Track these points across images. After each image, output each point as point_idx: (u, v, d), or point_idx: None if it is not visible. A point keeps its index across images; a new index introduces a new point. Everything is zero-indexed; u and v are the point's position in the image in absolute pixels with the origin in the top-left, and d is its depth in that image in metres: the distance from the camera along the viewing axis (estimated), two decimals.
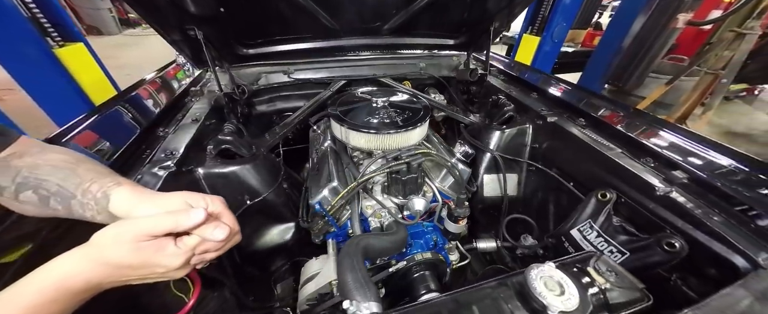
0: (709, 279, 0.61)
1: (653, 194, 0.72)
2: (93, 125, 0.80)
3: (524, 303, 0.42)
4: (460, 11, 1.19)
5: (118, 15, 8.61)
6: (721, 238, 0.60)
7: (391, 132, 0.95)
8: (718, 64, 2.68)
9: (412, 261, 0.78)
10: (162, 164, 0.72)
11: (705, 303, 0.43)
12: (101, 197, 0.45)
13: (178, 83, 1.23)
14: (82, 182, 0.46)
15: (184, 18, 0.87)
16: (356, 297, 0.46)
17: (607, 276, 0.45)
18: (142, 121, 0.88)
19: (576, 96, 1.16)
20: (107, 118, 0.87)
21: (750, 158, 0.76)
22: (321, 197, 0.87)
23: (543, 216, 1.05)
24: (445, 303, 0.42)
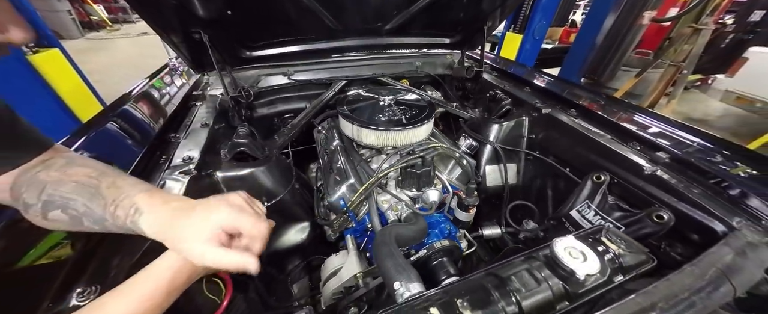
0: (693, 243, 0.70)
1: (641, 174, 0.82)
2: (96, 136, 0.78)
3: (553, 271, 0.47)
4: (457, 11, 1.25)
5: (79, 18, 8.01)
6: (701, 208, 0.69)
7: (401, 129, 0.99)
8: (679, 57, 2.96)
9: (432, 249, 0.82)
10: (182, 169, 0.72)
11: (699, 259, 0.50)
12: (131, 225, 0.44)
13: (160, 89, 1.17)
14: (107, 204, 0.45)
15: (190, 21, 0.86)
16: (401, 279, 0.50)
17: (619, 243, 0.52)
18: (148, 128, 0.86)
19: (565, 89, 1.26)
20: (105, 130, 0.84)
21: (717, 138, 0.87)
22: (340, 194, 0.90)
23: (542, 201, 1.13)
24: (485, 277, 0.47)
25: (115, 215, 0.44)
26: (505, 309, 0.42)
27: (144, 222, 0.43)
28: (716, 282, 0.47)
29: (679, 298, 0.43)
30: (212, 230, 0.43)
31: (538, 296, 0.44)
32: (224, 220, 0.44)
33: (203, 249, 0.42)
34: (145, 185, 0.48)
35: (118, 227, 0.45)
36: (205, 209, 0.45)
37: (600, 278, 0.46)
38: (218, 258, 0.42)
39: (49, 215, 0.44)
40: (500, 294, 0.43)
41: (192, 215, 0.44)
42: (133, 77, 4.78)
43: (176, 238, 0.43)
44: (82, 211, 0.44)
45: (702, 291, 0.45)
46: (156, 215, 0.44)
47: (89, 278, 0.46)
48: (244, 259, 0.43)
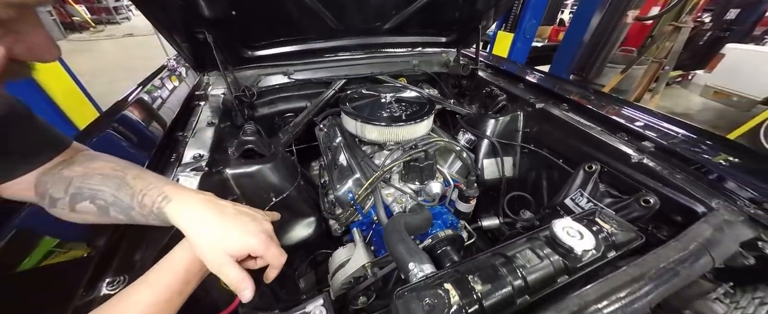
0: (676, 224, 0.76)
1: (629, 162, 0.87)
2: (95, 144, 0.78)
3: (553, 248, 0.51)
4: (453, 11, 1.29)
5: (60, 18, 7.75)
6: (683, 191, 0.75)
7: (403, 124, 1.02)
8: (661, 54, 3.09)
9: (437, 238, 0.86)
10: (193, 166, 0.73)
11: (683, 235, 0.56)
12: (158, 213, 0.46)
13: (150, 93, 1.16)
14: (134, 193, 0.47)
15: (195, 21, 0.88)
16: (414, 260, 0.53)
17: (611, 223, 0.57)
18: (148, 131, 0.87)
19: (556, 84, 1.32)
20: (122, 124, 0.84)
21: (697, 128, 0.94)
22: (347, 189, 0.93)
23: (538, 192, 1.19)
24: (492, 256, 0.51)
25: (142, 204, 0.46)
26: (513, 283, 0.46)
27: (170, 209, 0.45)
28: (697, 254, 0.52)
29: (665, 268, 0.48)
30: (240, 250, 0.45)
31: (541, 271, 0.48)
32: (255, 247, 0.46)
33: (221, 261, 0.43)
34: (169, 180, 0.50)
35: (143, 217, 0.47)
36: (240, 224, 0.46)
37: (595, 254, 0.51)
38: (228, 275, 0.43)
39: (78, 207, 0.46)
40: (507, 270, 0.47)
41: (226, 219, 0.45)
42: (121, 80, 4.67)
43: (201, 234, 0.44)
44: (111, 201, 0.46)
45: (685, 262, 0.50)
46: (184, 203, 0.45)
47: (116, 269, 0.48)
48: (244, 285, 0.44)
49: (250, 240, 0.46)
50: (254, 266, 0.50)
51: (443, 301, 0.42)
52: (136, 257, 0.52)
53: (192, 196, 0.47)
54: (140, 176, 0.49)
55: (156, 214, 0.46)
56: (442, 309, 0.41)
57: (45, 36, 0.34)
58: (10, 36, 0.30)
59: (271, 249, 0.48)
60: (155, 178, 0.50)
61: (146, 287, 0.41)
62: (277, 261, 0.49)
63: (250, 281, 0.45)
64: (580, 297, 0.43)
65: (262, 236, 0.47)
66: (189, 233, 0.44)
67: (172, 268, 0.43)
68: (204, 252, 0.43)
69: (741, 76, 3.38)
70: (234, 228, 0.46)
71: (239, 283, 0.44)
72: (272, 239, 0.49)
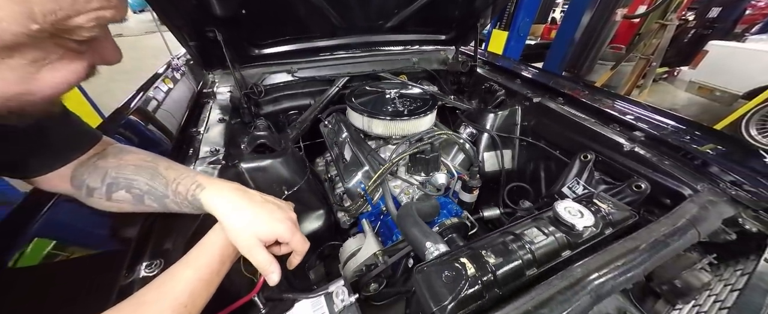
0: (666, 207, 0.82)
1: (622, 151, 0.93)
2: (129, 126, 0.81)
3: (557, 226, 0.56)
4: (452, 9, 1.34)
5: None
6: (672, 176, 0.81)
7: (408, 118, 1.06)
8: (648, 51, 3.21)
9: (444, 226, 0.91)
10: (210, 160, 0.76)
11: (672, 212, 0.61)
12: (192, 200, 0.48)
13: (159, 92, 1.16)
14: (168, 182, 0.49)
15: (205, 19, 0.90)
16: (430, 241, 0.58)
17: (607, 203, 0.62)
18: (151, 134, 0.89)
19: (551, 79, 1.38)
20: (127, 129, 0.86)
21: (683, 118, 1.00)
22: (357, 180, 0.96)
23: (536, 182, 1.24)
24: (502, 234, 0.55)
25: (177, 192, 0.49)
26: (522, 257, 0.50)
27: (205, 195, 0.48)
28: (685, 229, 0.58)
29: (656, 241, 0.54)
30: (269, 235, 0.47)
31: (547, 246, 0.53)
32: (282, 234, 0.48)
33: (252, 243, 0.46)
34: (197, 171, 0.53)
35: (177, 204, 0.50)
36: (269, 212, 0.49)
37: (594, 230, 0.56)
38: (257, 257, 0.46)
39: (114, 196, 0.49)
40: (517, 246, 0.52)
41: (255, 206, 0.48)
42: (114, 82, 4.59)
43: (233, 218, 0.47)
44: (146, 189, 0.49)
45: (674, 235, 0.55)
46: (217, 190, 0.49)
47: (151, 255, 0.51)
48: (272, 268, 0.47)
49: (278, 226, 0.49)
50: (279, 252, 0.53)
51: (461, 273, 0.46)
52: (166, 245, 0.55)
53: (223, 184, 0.51)
54: (171, 166, 0.53)
55: (190, 201, 0.49)
56: (460, 279, 0.45)
57: (112, 43, 0.37)
58: (91, 51, 0.34)
59: (297, 235, 0.51)
60: (185, 169, 0.53)
61: (187, 266, 0.44)
62: (302, 247, 0.52)
63: (277, 264, 0.48)
64: (582, 267, 0.48)
65: (288, 223, 0.50)
66: (223, 218, 0.47)
67: (209, 250, 0.47)
68: (236, 235, 0.46)
69: (723, 72, 3.53)
70: (263, 214, 0.49)
71: (268, 265, 0.47)
72: (297, 226, 0.53)
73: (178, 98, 1.12)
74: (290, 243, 0.51)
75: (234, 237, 0.46)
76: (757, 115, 3.10)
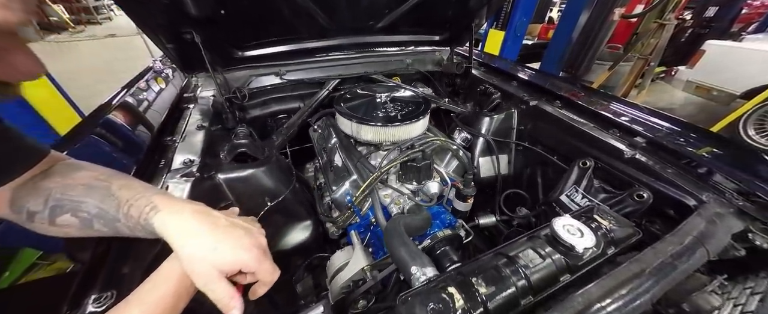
0: (669, 218, 0.78)
1: (622, 158, 0.89)
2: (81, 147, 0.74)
3: (554, 247, 0.51)
4: (445, 9, 1.29)
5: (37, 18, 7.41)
6: (675, 186, 0.77)
7: (399, 124, 1.01)
8: (646, 51, 3.18)
9: (436, 239, 0.86)
10: (183, 172, 0.71)
11: (678, 229, 0.57)
12: (145, 224, 0.43)
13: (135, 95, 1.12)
14: (120, 204, 0.44)
15: (181, 21, 0.84)
16: (416, 264, 0.53)
17: (609, 219, 0.57)
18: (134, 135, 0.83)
19: (548, 81, 1.33)
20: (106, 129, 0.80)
21: (684, 123, 0.96)
22: (344, 191, 0.91)
23: (533, 188, 1.20)
24: (495, 257, 0.51)
25: (129, 215, 0.43)
26: (516, 284, 0.45)
27: (158, 220, 0.42)
28: (693, 247, 0.53)
29: (663, 263, 0.49)
30: (232, 265, 0.42)
31: (544, 270, 0.48)
32: (247, 263, 0.43)
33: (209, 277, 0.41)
34: (158, 189, 0.48)
35: (129, 229, 0.44)
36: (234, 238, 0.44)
37: (595, 251, 0.51)
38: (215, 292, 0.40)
39: (58, 221, 0.43)
40: (510, 270, 0.47)
41: (217, 232, 0.43)
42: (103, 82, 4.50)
43: (190, 246, 0.41)
44: (95, 213, 0.43)
45: (682, 256, 0.51)
46: (173, 213, 0.43)
47: (103, 284, 0.45)
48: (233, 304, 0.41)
49: (243, 255, 0.43)
50: (243, 281, 0.47)
51: (448, 305, 0.41)
52: (124, 270, 0.49)
53: (183, 206, 0.45)
54: (127, 185, 0.47)
55: (143, 226, 0.43)
56: (447, 313, 0.40)
57: (27, 54, 0.32)
58: None
59: (264, 264, 0.45)
60: (143, 187, 0.47)
61: (135, 305, 0.38)
62: (269, 278, 0.46)
63: (239, 299, 0.42)
64: (583, 295, 0.43)
65: (255, 251, 0.45)
66: (176, 246, 0.42)
67: (163, 285, 0.41)
68: (191, 265, 0.41)
69: (721, 71, 3.51)
70: (226, 241, 0.43)
71: (228, 301, 0.41)
72: (266, 254, 0.47)
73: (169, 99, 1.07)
74: (256, 273, 0.45)
75: (189, 269, 0.41)
76: (754, 115, 3.08)
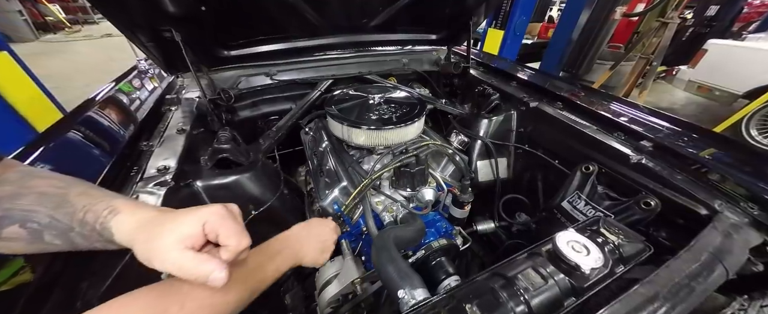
0: (678, 227, 0.73)
1: (628, 163, 0.84)
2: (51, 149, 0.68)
3: (557, 265, 0.46)
4: (442, 7, 1.24)
5: (33, 18, 7.35)
6: (685, 193, 0.72)
7: (392, 127, 0.96)
8: (648, 50, 3.13)
9: (430, 249, 0.81)
10: (157, 180, 0.65)
11: (692, 244, 0.52)
12: (101, 229, 0.38)
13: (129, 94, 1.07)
14: (75, 211, 0.39)
15: (159, 18, 0.79)
16: (405, 286, 0.48)
17: (617, 233, 0.52)
18: (116, 136, 0.78)
19: (547, 81, 1.28)
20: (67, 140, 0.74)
21: (691, 124, 0.91)
22: (333, 198, 0.86)
23: (533, 194, 1.15)
24: (491, 278, 0.46)
25: (84, 222, 0.38)
26: (515, 310, 0.40)
27: (116, 224, 0.37)
28: (710, 265, 0.48)
29: (679, 285, 0.44)
30: (193, 225, 0.37)
31: (546, 293, 0.43)
32: (208, 218, 0.38)
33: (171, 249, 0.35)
34: (124, 196, 0.43)
35: (84, 238, 0.39)
36: (192, 209, 0.40)
37: (603, 270, 0.46)
38: (184, 263, 0.35)
39: (4, 233, 0.38)
40: (508, 294, 0.42)
41: (175, 215, 0.38)
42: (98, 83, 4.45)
43: (147, 238, 0.36)
44: (46, 223, 0.38)
45: (699, 276, 0.46)
46: (133, 216, 0.38)
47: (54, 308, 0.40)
48: (209, 266, 0.35)
49: (203, 211, 0.38)
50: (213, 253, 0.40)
51: None
52: (81, 288, 0.44)
53: (147, 208, 0.40)
54: (87, 192, 0.42)
55: (99, 232, 0.38)
56: None
57: None
58: None
59: (228, 221, 0.39)
60: (105, 194, 0.43)
61: None
62: (235, 241, 0.39)
63: (216, 260, 0.36)
64: None
65: (219, 208, 0.40)
66: (136, 248, 0.36)
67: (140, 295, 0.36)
68: (149, 250, 0.35)
69: (723, 71, 3.46)
70: (182, 211, 0.39)
71: (201, 265, 0.35)
72: (235, 217, 0.41)
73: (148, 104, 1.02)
74: (219, 234, 0.38)
75: (148, 255, 0.35)
76: (757, 115, 3.04)
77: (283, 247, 0.63)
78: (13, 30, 6.69)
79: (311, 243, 0.68)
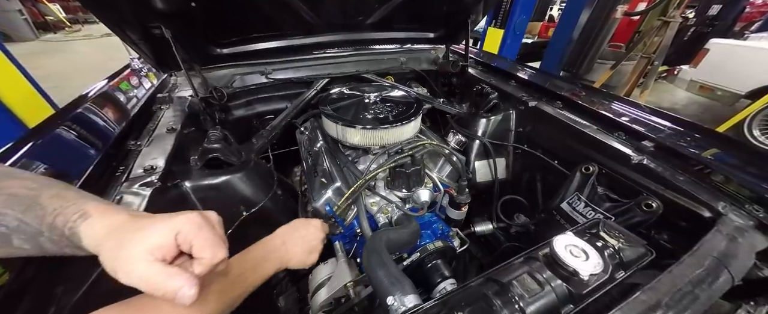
0: (681, 230, 0.71)
1: (629, 163, 0.82)
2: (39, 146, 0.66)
3: (555, 271, 0.44)
4: (439, 4, 1.22)
5: (33, 17, 7.36)
6: (687, 194, 0.70)
7: (388, 127, 0.94)
8: (650, 49, 3.11)
9: (426, 252, 0.79)
10: (143, 180, 0.63)
11: (696, 249, 0.49)
12: (70, 235, 0.36)
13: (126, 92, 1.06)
14: (45, 214, 0.37)
15: (147, 15, 0.77)
16: (395, 292, 0.46)
17: (617, 237, 0.50)
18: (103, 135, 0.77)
19: (548, 80, 1.26)
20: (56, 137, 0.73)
21: (693, 124, 0.89)
22: (325, 199, 0.84)
23: (532, 195, 1.13)
24: (485, 284, 0.44)
25: (53, 226, 0.36)
26: None
27: (85, 229, 0.35)
28: (715, 271, 0.46)
29: (683, 292, 0.42)
30: (163, 237, 0.34)
31: (542, 301, 0.41)
32: (181, 228, 0.35)
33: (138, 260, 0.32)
34: (100, 199, 0.40)
35: (54, 243, 0.37)
36: (165, 216, 0.37)
37: (603, 276, 0.44)
38: (150, 277, 0.32)
39: None
40: (502, 302, 0.40)
41: (146, 222, 0.36)
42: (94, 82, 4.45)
43: (114, 246, 0.33)
44: (13, 226, 0.36)
45: (703, 283, 0.44)
46: (102, 221, 0.36)
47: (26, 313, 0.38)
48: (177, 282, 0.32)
49: (177, 219, 0.36)
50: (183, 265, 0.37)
51: None
52: (55, 293, 0.42)
53: (119, 213, 0.38)
54: (60, 195, 0.39)
55: (68, 237, 0.36)
56: None
57: None
58: None
59: (204, 231, 0.36)
60: (80, 196, 0.40)
61: None
62: (209, 253, 0.36)
63: (186, 275, 0.33)
64: None
65: (195, 217, 0.37)
66: (102, 256, 0.34)
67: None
68: (115, 259, 0.33)
69: (725, 70, 3.43)
70: (155, 218, 0.36)
71: (169, 280, 0.32)
72: (211, 228, 0.38)
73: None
74: (194, 245, 0.36)
75: (113, 265, 0.33)
76: (760, 115, 3.01)
77: (267, 252, 0.60)
78: (13, 29, 6.70)
79: (296, 245, 0.66)
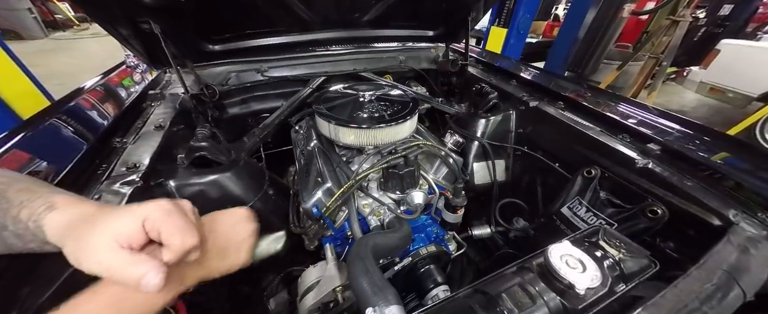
0: (688, 239, 0.67)
1: (634, 167, 0.78)
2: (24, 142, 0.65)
3: (549, 283, 0.41)
4: (439, 1, 1.19)
5: (42, 16, 7.48)
6: (695, 201, 0.65)
7: (382, 126, 0.91)
8: (658, 50, 3.03)
9: (418, 256, 0.76)
10: (125, 179, 0.62)
11: (704, 261, 0.46)
12: (34, 228, 0.34)
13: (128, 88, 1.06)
14: (10, 207, 0.35)
15: (136, 9, 0.75)
16: (377, 302, 0.43)
17: (618, 247, 0.47)
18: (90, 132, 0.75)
19: (551, 80, 1.22)
20: (42, 132, 0.71)
21: (702, 127, 0.84)
22: (315, 200, 0.82)
23: (532, 198, 1.09)
24: (472, 296, 0.41)
25: (18, 219, 0.34)
26: None
27: (49, 221, 0.33)
28: (725, 286, 0.42)
29: (689, 308, 0.38)
30: (130, 224, 0.32)
31: None
32: (149, 214, 0.33)
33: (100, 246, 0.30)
34: (70, 193, 0.38)
35: (18, 237, 0.35)
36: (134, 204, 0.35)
37: (601, 289, 0.41)
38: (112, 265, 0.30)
39: None
40: None
41: (113, 210, 0.34)
42: None
43: (78, 235, 0.32)
44: None
45: (712, 299, 0.40)
46: (67, 213, 0.34)
47: None
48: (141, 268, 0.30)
49: (145, 207, 0.34)
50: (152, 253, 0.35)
51: None
52: (21, 294, 0.40)
53: (86, 204, 0.36)
54: (29, 188, 0.37)
55: (33, 231, 0.34)
56: None
57: None
58: None
59: (174, 218, 0.34)
60: (51, 190, 0.38)
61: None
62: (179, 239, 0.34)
63: (153, 260, 0.31)
64: None
65: (162, 202, 0.35)
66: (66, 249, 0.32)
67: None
68: (78, 249, 0.31)
69: (736, 72, 3.33)
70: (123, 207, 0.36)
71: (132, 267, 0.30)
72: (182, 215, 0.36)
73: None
74: (162, 232, 0.33)
75: (80, 257, 0.31)
76: None
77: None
78: (23, 27, 6.81)
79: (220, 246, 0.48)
